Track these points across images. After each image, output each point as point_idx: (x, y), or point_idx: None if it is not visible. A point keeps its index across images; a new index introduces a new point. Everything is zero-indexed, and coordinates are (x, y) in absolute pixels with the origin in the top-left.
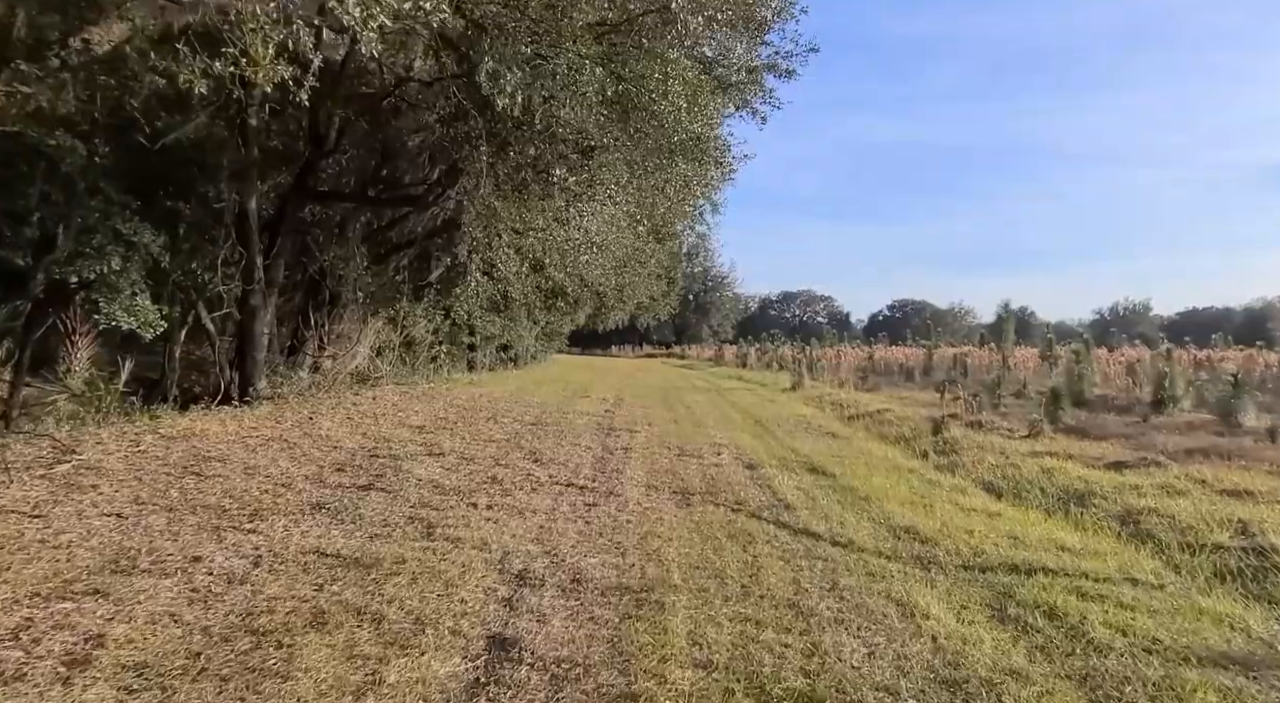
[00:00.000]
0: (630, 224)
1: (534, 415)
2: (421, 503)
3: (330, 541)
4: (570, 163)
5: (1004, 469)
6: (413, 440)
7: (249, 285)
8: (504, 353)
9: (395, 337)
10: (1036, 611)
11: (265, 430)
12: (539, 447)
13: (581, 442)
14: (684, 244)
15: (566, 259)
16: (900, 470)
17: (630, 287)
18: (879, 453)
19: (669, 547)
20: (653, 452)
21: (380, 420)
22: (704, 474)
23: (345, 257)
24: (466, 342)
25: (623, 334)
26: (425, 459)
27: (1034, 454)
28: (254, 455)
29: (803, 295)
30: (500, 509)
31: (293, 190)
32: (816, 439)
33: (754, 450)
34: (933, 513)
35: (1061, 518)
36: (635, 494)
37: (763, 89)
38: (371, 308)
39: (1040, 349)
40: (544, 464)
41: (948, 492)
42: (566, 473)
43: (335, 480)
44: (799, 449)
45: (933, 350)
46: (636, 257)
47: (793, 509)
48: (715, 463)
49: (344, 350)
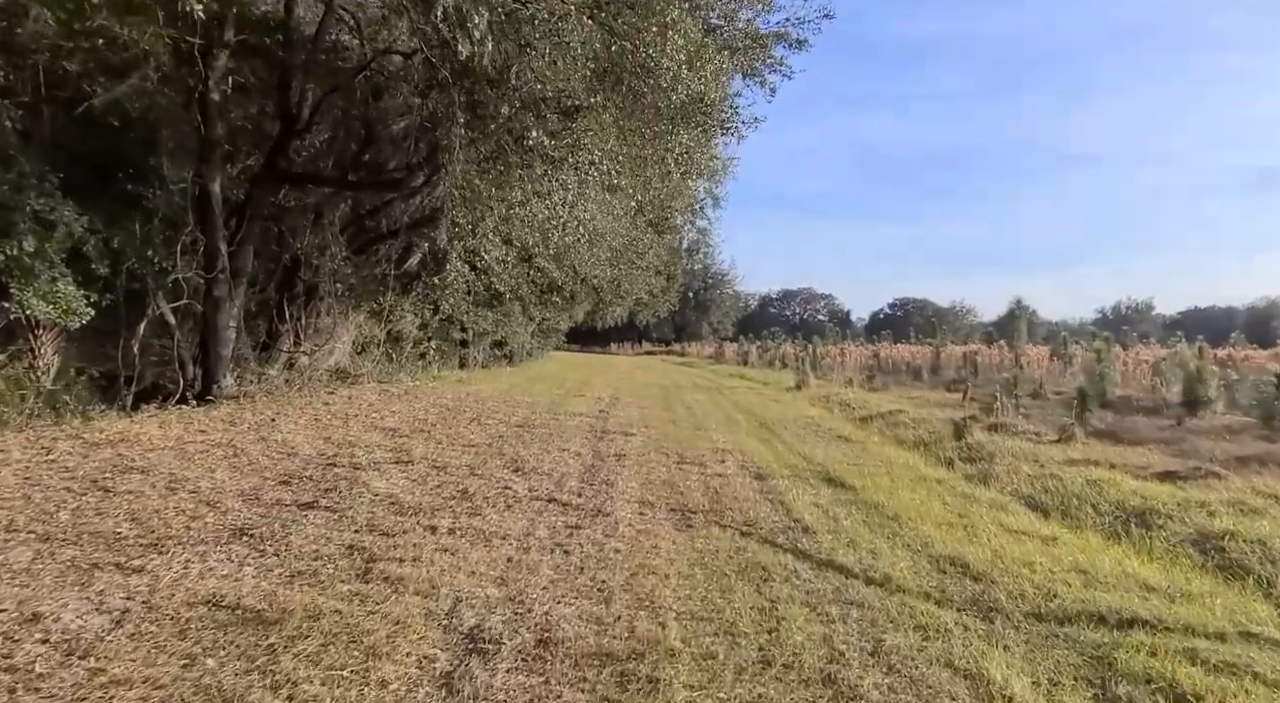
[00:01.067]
0: (627, 214)
1: (522, 417)
2: (369, 526)
3: (235, 584)
4: (550, 125)
5: (1043, 481)
6: (381, 446)
7: (212, 274)
8: (498, 350)
9: (379, 332)
10: (1155, 693)
11: (214, 434)
12: (522, 453)
13: (570, 447)
14: (684, 239)
15: (550, 240)
16: (927, 482)
17: (627, 279)
18: (899, 460)
19: (665, 587)
20: (649, 459)
21: (350, 423)
22: (707, 487)
23: (322, 246)
24: (457, 338)
25: (622, 331)
26: (389, 469)
27: (1071, 462)
28: (187, 466)
29: (803, 293)
30: (463, 534)
31: (262, 172)
32: (829, 444)
33: (761, 457)
34: (977, 537)
35: (1127, 544)
36: (627, 513)
37: (772, 57)
38: (353, 301)
39: (1052, 348)
40: (525, 474)
41: (987, 509)
42: (549, 485)
43: (274, 497)
44: (811, 456)
45: (940, 349)
46: (634, 248)
47: (813, 533)
48: (719, 473)
49: (321, 346)
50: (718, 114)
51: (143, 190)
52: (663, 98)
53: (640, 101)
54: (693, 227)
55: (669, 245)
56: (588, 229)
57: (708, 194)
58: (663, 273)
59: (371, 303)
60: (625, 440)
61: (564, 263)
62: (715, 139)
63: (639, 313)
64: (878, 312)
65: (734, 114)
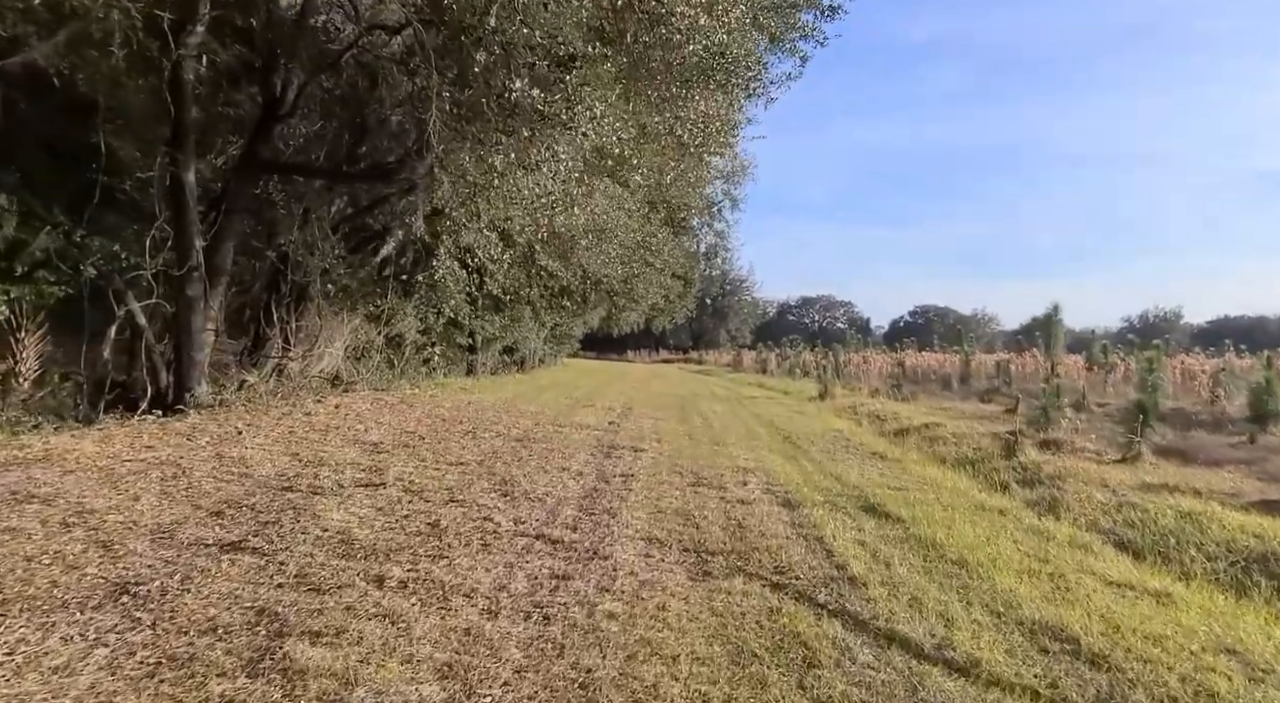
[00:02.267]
0: (639, 208)
1: (523, 429)
2: (298, 578)
3: (65, 680)
4: (538, 75)
5: (1123, 512)
6: (355, 464)
7: (184, 272)
8: (508, 356)
9: (377, 336)
10: None
11: (162, 450)
12: (515, 474)
13: (572, 465)
14: (701, 242)
15: (542, 223)
16: (987, 513)
17: (641, 281)
18: (947, 483)
19: (673, 682)
20: (661, 480)
21: (329, 436)
22: (727, 518)
23: (312, 243)
24: (463, 343)
25: (638, 338)
26: (355, 494)
27: (1146, 487)
28: (107, 492)
29: (822, 301)
30: (417, 589)
31: (242, 161)
32: (863, 463)
33: (789, 479)
34: (1072, 594)
35: (1262, 602)
36: (629, 555)
37: (800, 24)
38: (348, 303)
39: (1088, 356)
40: (514, 501)
41: (1068, 550)
42: (540, 516)
43: (195, 534)
44: (845, 477)
45: (969, 357)
46: (647, 246)
47: (862, 586)
48: (741, 498)
49: (310, 351)
50: (742, 73)
51: (106, 179)
52: (675, 53)
53: (648, 56)
54: (710, 229)
55: (686, 249)
56: (589, 216)
57: (726, 196)
58: (680, 277)
59: (368, 305)
60: (635, 458)
61: (570, 261)
62: (738, 106)
63: (655, 319)
64: (898, 319)
65: (761, 71)
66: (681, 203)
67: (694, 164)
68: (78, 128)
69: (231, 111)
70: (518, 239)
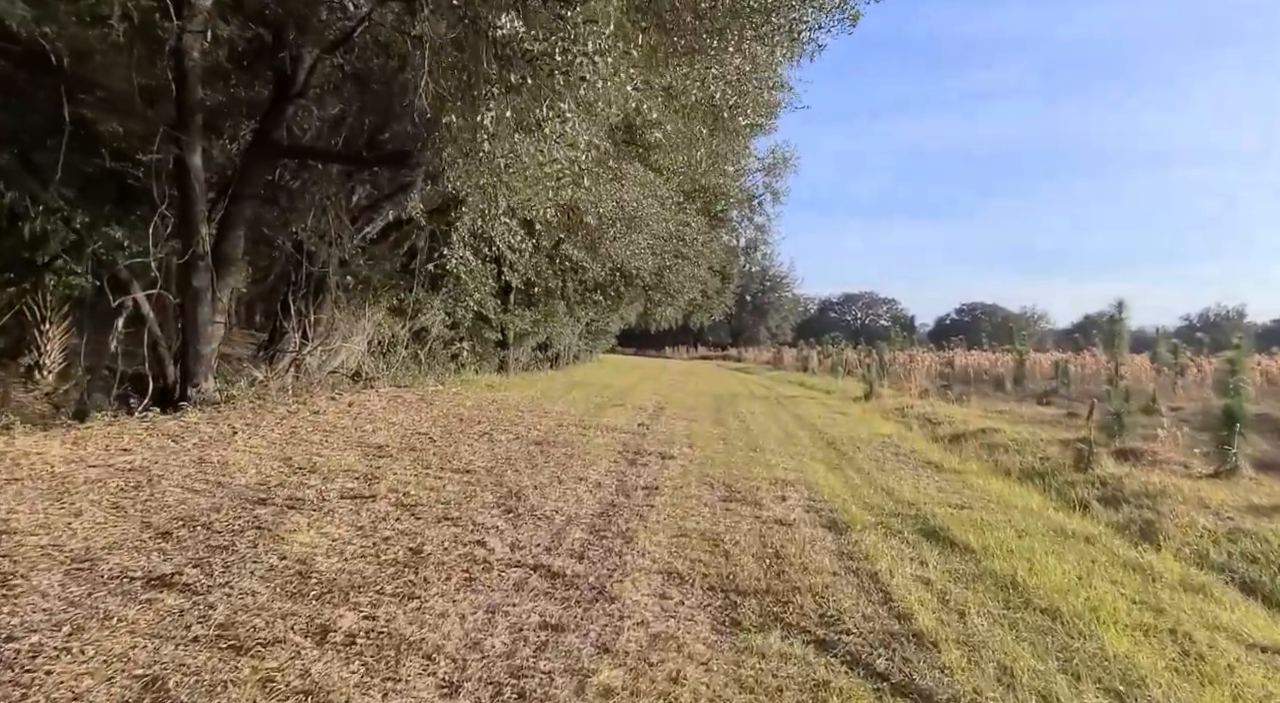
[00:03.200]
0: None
1: (544, 431)
2: (220, 630)
3: None
4: (530, 10)
5: (1239, 542)
6: (350, 471)
7: (190, 261)
8: (541, 352)
9: (402, 330)
10: None
11: (138, 454)
12: (525, 484)
13: (591, 475)
14: (740, 236)
15: (547, 193)
16: (1071, 540)
17: (674, 273)
18: (1016, 501)
19: None
20: (688, 494)
21: (332, 437)
22: (763, 545)
23: (329, 233)
24: (492, 338)
25: (676, 335)
26: (336, 509)
27: (1257, 511)
28: (41, 507)
29: (865, 297)
30: (364, 649)
31: (254, 145)
32: (917, 474)
33: (834, 494)
34: (1208, 666)
35: None
36: (642, 595)
37: None
38: (370, 296)
39: (1153, 356)
40: (517, 519)
41: (1182, 595)
42: (542, 538)
43: (123, 565)
44: (898, 492)
45: (1024, 356)
46: (680, 237)
47: (932, 647)
48: (779, 518)
49: (328, 345)
50: (785, 12)
51: (112, 163)
52: None
53: None
54: (750, 223)
55: (724, 244)
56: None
57: (767, 188)
58: (718, 272)
59: (391, 298)
60: (662, 466)
61: (598, 253)
62: (777, 62)
63: (693, 315)
64: (943, 317)
65: (806, 11)
66: (719, 190)
67: (729, 140)
68: (80, 109)
69: (243, 93)
70: (539, 227)
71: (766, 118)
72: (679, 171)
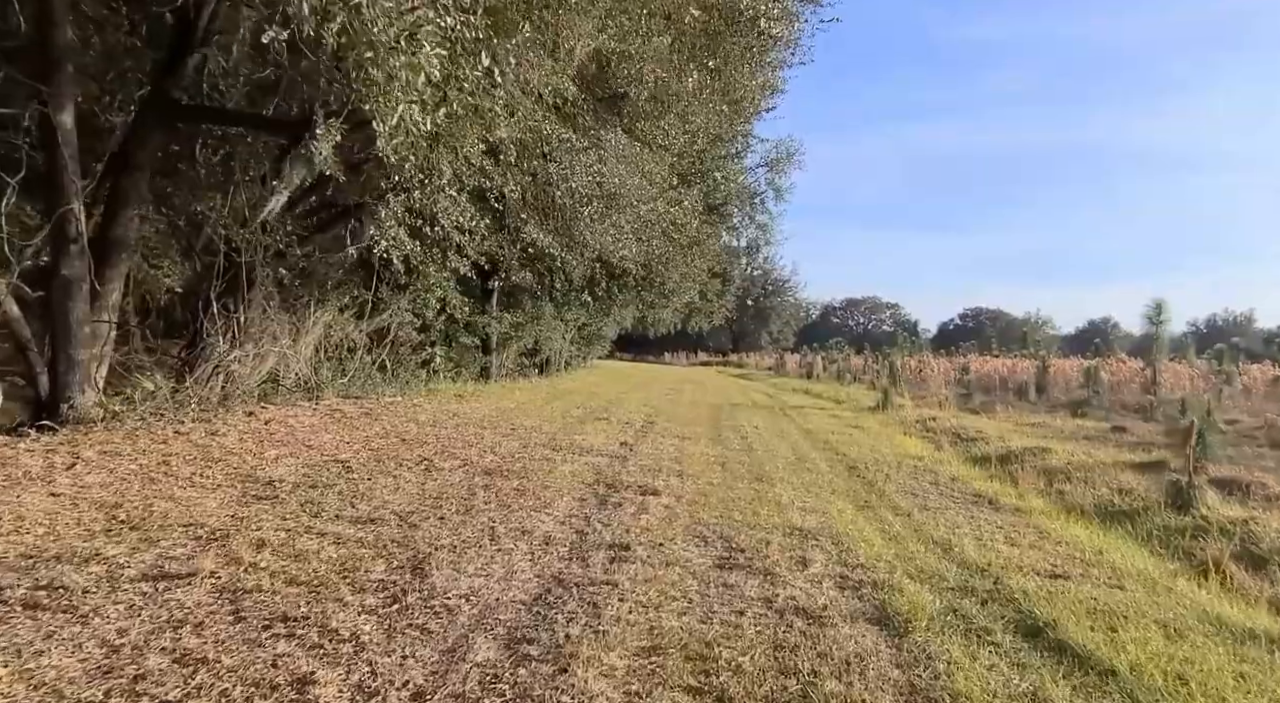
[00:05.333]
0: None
1: (501, 455)
2: None
3: None
4: None
5: None
6: (195, 527)
7: (60, 244)
8: (529, 359)
9: (357, 333)
10: None
11: None
12: (441, 543)
13: (539, 526)
14: (741, 236)
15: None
16: (1244, 643)
17: (664, 263)
18: (1119, 559)
19: None
20: (670, 558)
21: (210, 470)
22: (780, 664)
23: (255, 217)
24: (467, 342)
25: (675, 340)
26: (102, 608)
27: None
28: None
29: (867, 302)
30: None
31: (149, 104)
32: (970, 515)
33: (873, 553)
34: None
35: None
36: None
37: None
38: (318, 293)
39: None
40: (399, 617)
41: None
42: (417, 669)
43: None
44: (958, 548)
45: (1046, 362)
46: (670, 219)
47: None
48: (802, 607)
49: (258, 350)
50: None
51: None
52: None
53: None
54: (751, 222)
55: (725, 245)
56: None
57: (770, 185)
58: (718, 274)
59: (344, 297)
60: (640, 508)
61: (574, 239)
62: None
63: (692, 319)
64: (946, 322)
65: None
66: (716, 162)
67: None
68: None
69: (136, 42)
70: (494, 203)
71: (788, 24)
72: (672, 146)
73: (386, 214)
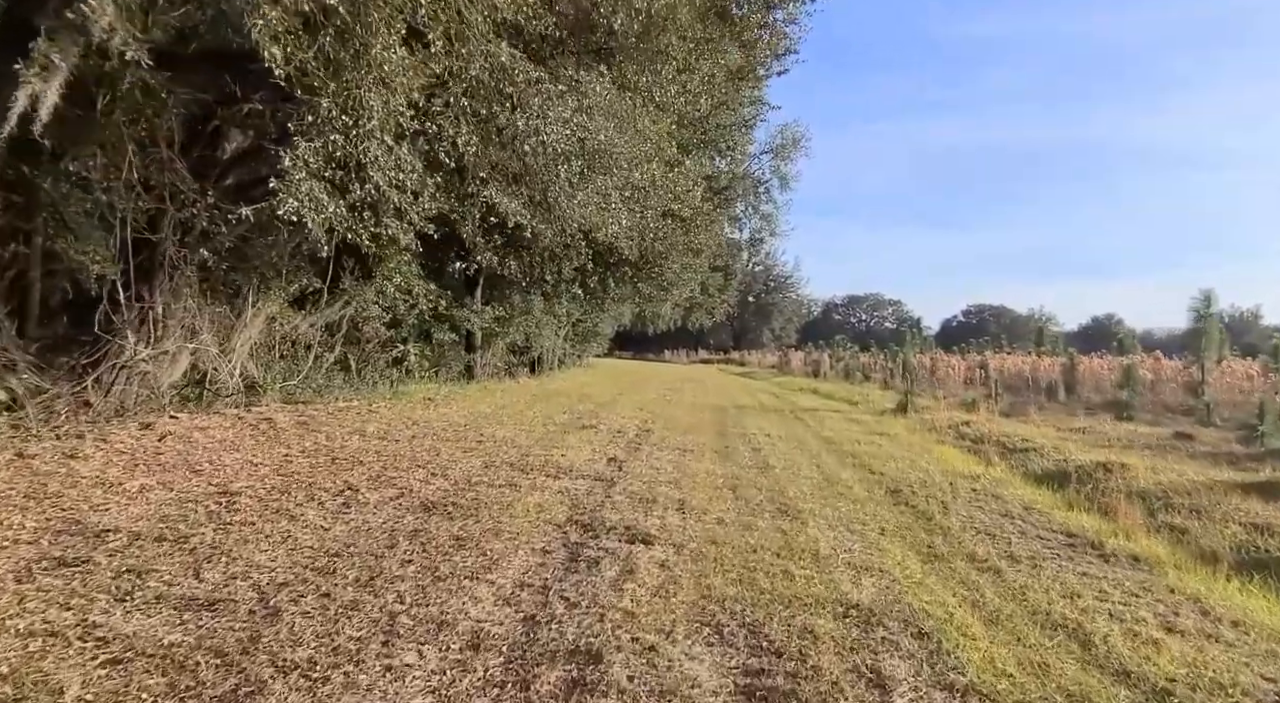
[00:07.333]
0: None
1: (452, 481)
2: None
3: None
4: None
5: None
6: None
7: None
8: (518, 356)
9: (308, 327)
10: None
11: None
12: (298, 658)
13: (470, 611)
14: (745, 228)
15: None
16: None
17: (662, 241)
18: None
19: None
20: (669, 679)
21: (22, 517)
22: None
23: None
24: (447, 340)
25: (675, 337)
26: None
27: None
28: None
29: (869, 299)
30: None
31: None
32: (1085, 572)
33: (978, 651)
34: None
35: None
36: None
37: None
38: (257, 281)
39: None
40: None
41: None
42: None
43: None
44: (1104, 644)
45: (1074, 360)
46: (669, 187)
47: None
48: None
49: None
50: None
51: None
52: None
53: None
54: (755, 212)
55: (728, 238)
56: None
57: (775, 173)
58: (719, 268)
59: (286, 285)
60: (625, 570)
61: (552, 212)
62: None
63: (693, 314)
64: (949, 319)
65: None
66: (723, 132)
67: None
68: None
69: None
70: (446, 160)
71: None
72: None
73: (293, 160)
